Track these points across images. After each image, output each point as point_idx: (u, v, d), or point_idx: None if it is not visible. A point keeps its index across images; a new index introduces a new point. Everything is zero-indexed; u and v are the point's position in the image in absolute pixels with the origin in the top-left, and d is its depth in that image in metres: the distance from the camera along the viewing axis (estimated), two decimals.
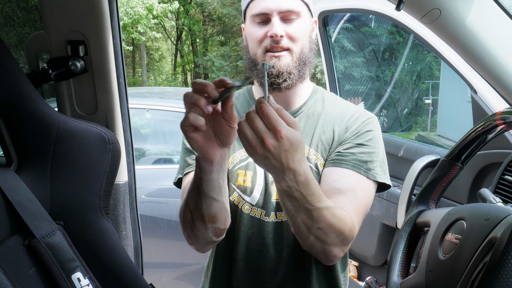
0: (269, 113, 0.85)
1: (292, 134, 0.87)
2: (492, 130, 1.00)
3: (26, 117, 1.16)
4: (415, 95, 7.17)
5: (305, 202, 0.97)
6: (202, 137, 0.94)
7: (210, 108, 0.89)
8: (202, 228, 1.09)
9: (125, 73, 1.45)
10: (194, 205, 1.06)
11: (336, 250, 1.10)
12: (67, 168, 1.21)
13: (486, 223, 0.85)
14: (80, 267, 1.15)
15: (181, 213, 1.14)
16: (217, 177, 1.01)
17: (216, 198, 1.04)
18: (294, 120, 0.89)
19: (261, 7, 1.21)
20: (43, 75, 1.33)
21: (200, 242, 1.16)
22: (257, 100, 0.87)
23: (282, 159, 0.88)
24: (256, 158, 0.90)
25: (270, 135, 0.86)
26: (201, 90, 0.88)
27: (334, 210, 1.04)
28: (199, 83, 0.89)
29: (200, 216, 1.06)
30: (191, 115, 0.89)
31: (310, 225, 1.02)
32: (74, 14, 1.31)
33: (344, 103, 1.36)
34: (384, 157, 1.26)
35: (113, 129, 1.41)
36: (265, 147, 0.86)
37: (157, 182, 3.15)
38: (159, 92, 4.71)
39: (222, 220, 1.09)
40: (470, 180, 1.86)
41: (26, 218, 1.11)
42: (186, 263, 3.14)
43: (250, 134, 0.86)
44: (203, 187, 1.01)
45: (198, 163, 0.99)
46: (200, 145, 0.94)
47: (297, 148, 0.89)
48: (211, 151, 0.95)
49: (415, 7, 1.21)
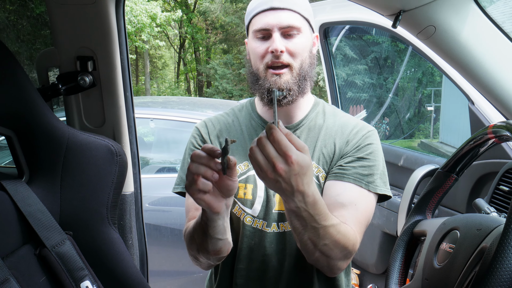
0: (280, 139, 0.90)
1: (302, 158, 0.91)
2: (485, 144, 1.03)
3: (37, 130, 1.20)
4: (417, 102, 7.18)
5: (312, 221, 1.02)
6: (209, 196, 0.99)
7: (216, 176, 0.96)
8: (207, 258, 1.18)
9: (131, 87, 1.49)
10: (200, 242, 1.14)
11: (340, 263, 1.16)
12: (76, 179, 1.25)
13: (478, 233, 0.89)
14: (89, 276, 1.19)
15: (186, 240, 1.24)
16: (222, 222, 1.09)
17: (221, 238, 1.12)
18: (303, 144, 0.93)
19: (263, 23, 1.24)
20: (53, 90, 1.38)
21: (204, 265, 1.27)
22: (267, 125, 0.91)
23: (292, 183, 0.92)
24: (267, 182, 0.94)
25: (281, 160, 0.90)
26: (205, 164, 0.96)
27: (339, 227, 1.09)
28: (201, 156, 0.96)
29: (205, 250, 1.15)
30: (200, 181, 0.95)
31: (317, 242, 1.07)
32: (83, 31, 1.36)
33: (345, 116, 1.38)
34: (384, 168, 1.30)
35: (120, 141, 1.46)
36: (276, 171, 0.90)
37: (160, 190, 3.18)
38: (163, 101, 4.76)
39: (226, 250, 1.18)
40: (468, 189, 1.89)
41: (37, 228, 1.15)
42: (190, 271, 3.15)
43: (262, 160, 0.91)
44: (209, 231, 1.09)
45: (205, 213, 1.06)
46: (207, 203, 1.00)
47: (306, 171, 0.93)
48: (217, 204, 1.02)
49: (411, 24, 1.25)
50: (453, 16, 1.21)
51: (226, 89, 17.37)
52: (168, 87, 23.45)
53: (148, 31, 15.03)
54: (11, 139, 1.20)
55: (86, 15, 1.33)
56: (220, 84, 17.50)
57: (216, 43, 21.83)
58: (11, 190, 1.14)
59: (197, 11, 20.87)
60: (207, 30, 21.70)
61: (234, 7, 18.61)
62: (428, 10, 1.19)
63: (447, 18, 1.21)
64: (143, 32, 14.97)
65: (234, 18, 17.88)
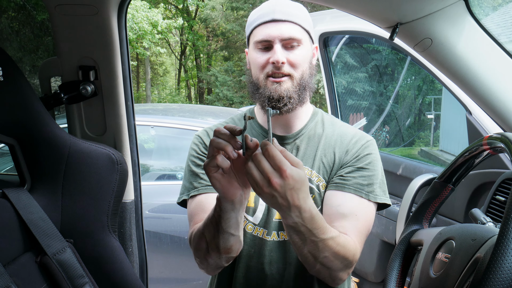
0: (275, 154, 0.92)
1: (296, 173, 0.93)
2: (480, 155, 1.04)
3: (39, 139, 1.22)
4: (417, 110, 7.19)
5: (311, 235, 1.04)
6: (225, 178, 1.01)
7: (235, 154, 0.97)
8: (216, 257, 1.16)
9: (132, 96, 1.51)
10: (211, 237, 1.13)
11: (341, 274, 1.17)
12: (77, 187, 1.27)
13: (473, 243, 0.90)
14: (89, 283, 1.20)
15: (194, 241, 1.21)
16: (235, 215, 1.08)
17: (233, 234, 1.11)
18: (297, 160, 0.95)
19: (264, 34, 1.26)
20: (55, 99, 1.40)
21: (211, 268, 1.23)
22: (262, 142, 0.93)
23: (288, 197, 0.94)
24: (263, 197, 0.96)
25: (276, 175, 0.92)
26: (226, 141, 0.97)
27: (338, 239, 1.10)
28: (223, 133, 0.97)
29: (216, 247, 1.13)
30: (220, 157, 0.97)
31: (317, 255, 1.08)
32: (85, 42, 1.38)
33: (343, 125, 1.40)
34: (383, 177, 1.31)
35: (120, 150, 1.47)
36: (271, 186, 0.92)
37: (160, 198, 3.19)
38: (163, 109, 4.78)
39: (236, 249, 1.17)
40: (466, 199, 1.90)
41: (38, 236, 1.17)
42: (189, 278, 3.15)
43: (257, 175, 0.93)
44: (222, 224, 1.08)
45: (219, 202, 1.06)
46: (222, 185, 1.01)
47: (301, 186, 0.95)
48: (232, 191, 1.02)
49: (407, 37, 1.27)
50: (450, 28, 1.23)
51: (227, 96, 17.42)
52: (169, 94, 23.51)
53: (149, 38, 15.12)
54: (14, 147, 1.22)
55: (88, 26, 1.35)
56: (221, 91, 17.54)
57: (217, 50, 21.92)
58: (13, 198, 1.16)
59: (198, 18, 20.97)
60: (208, 37, 21.81)
61: (235, 15, 18.71)
62: (424, 23, 1.21)
63: (443, 31, 1.23)
64: (145, 39, 15.06)
65: (235, 25, 17.96)
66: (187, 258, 3.00)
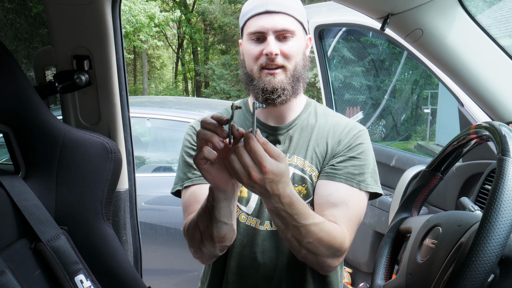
0: (256, 149, 0.94)
1: (276, 167, 0.96)
2: (467, 144, 1.06)
3: (34, 127, 1.23)
4: (414, 104, 7.21)
5: (292, 220, 1.07)
6: (215, 169, 1.02)
7: (222, 144, 0.98)
8: (210, 246, 1.18)
9: (127, 86, 1.52)
10: (205, 227, 1.14)
11: (329, 261, 1.19)
12: (71, 176, 1.28)
13: (458, 229, 0.92)
14: (83, 270, 1.22)
15: (188, 231, 1.22)
16: (228, 204, 1.10)
17: (226, 222, 1.13)
18: (278, 152, 0.98)
19: (258, 25, 1.26)
20: (49, 88, 1.41)
21: (206, 257, 1.25)
22: (245, 134, 0.95)
23: (267, 188, 0.98)
24: (244, 185, 1.00)
25: (256, 169, 0.95)
26: (212, 131, 0.98)
27: (322, 225, 1.13)
28: (210, 123, 0.98)
29: (209, 237, 1.15)
30: (205, 149, 0.98)
31: (300, 240, 1.11)
32: (80, 31, 1.39)
33: (336, 115, 1.41)
34: (375, 166, 1.33)
35: (115, 139, 1.48)
36: (251, 179, 0.95)
37: (156, 190, 3.20)
38: (160, 101, 4.78)
39: (230, 238, 1.18)
40: (457, 189, 1.92)
41: (33, 223, 1.18)
42: (184, 269, 3.17)
43: (239, 167, 0.96)
44: (215, 213, 1.10)
45: (211, 191, 1.08)
46: (213, 176, 1.02)
47: (281, 178, 0.98)
48: (223, 181, 1.04)
49: (399, 27, 1.28)
50: (440, 19, 1.24)
51: (224, 89, 17.38)
52: (166, 87, 23.45)
53: (146, 31, 15.04)
54: (8, 135, 1.23)
55: (82, 15, 1.36)
56: (218, 85, 17.50)
57: (215, 44, 21.85)
58: (7, 185, 1.17)
59: (196, 11, 20.89)
60: (205, 30, 21.72)
61: (233, 8, 18.63)
62: (415, 14, 1.23)
63: (434, 22, 1.24)
64: (142, 32, 14.98)
65: (233, 18, 17.89)
66: (182, 249, 3.01)
